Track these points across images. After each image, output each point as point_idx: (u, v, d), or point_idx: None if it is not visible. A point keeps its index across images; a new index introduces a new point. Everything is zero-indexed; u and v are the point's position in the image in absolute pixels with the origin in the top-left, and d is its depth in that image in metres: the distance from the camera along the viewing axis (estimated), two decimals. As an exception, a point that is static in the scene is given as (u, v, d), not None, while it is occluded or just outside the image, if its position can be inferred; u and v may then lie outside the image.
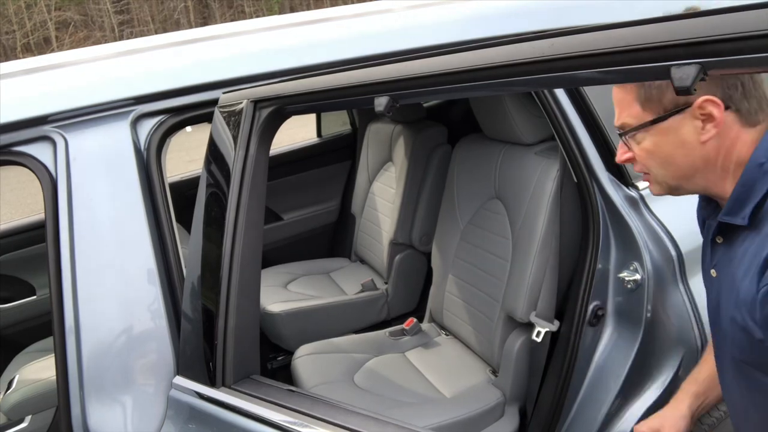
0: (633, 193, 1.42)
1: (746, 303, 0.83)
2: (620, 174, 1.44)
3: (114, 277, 1.07)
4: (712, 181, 0.89)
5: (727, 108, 0.84)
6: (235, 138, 1.08)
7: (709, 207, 0.98)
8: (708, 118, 0.84)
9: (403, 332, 2.01)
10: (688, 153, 0.87)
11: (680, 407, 1.13)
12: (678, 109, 0.86)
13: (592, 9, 1.54)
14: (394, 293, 2.35)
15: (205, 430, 1.05)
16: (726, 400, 1.03)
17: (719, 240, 0.93)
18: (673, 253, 1.36)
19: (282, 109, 1.05)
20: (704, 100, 0.83)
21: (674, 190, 0.94)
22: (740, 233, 0.87)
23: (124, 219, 1.10)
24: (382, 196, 2.55)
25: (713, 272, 0.96)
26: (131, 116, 1.15)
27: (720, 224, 0.91)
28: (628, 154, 0.95)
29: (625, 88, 0.91)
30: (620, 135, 0.95)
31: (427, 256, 2.30)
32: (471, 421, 1.56)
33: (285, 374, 2.02)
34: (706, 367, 1.14)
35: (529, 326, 1.59)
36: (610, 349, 1.48)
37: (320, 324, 2.19)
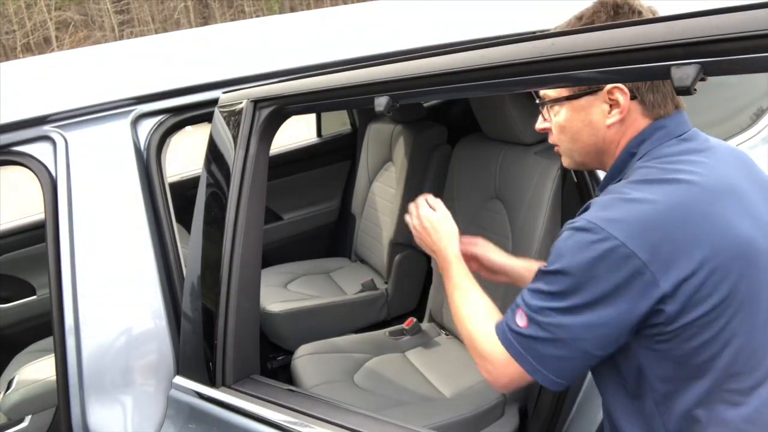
0: (633, 193, 1.42)
1: None
2: (620, 174, 1.43)
3: (114, 277, 1.07)
4: (606, 162, 0.97)
5: (633, 98, 0.89)
6: (235, 138, 1.08)
7: None
8: (614, 104, 0.90)
9: (403, 332, 2.01)
10: (593, 133, 0.94)
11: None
12: (590, 91, 0.91)
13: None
14: (394, 293, 2.35)
15: (205, 430, 1.05)
16: None
17: None
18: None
19: (282, 109, 1.06)
20: (613, 86, 0.88)
21: (581, 165, 1.02)
22: None
23: (124, 219, 1.10)
24: (382, 196, 2.55)
25: None
26: (131, 116, 1.15)
27: None
28: (546, 124, 1.02)
29: None
30: (539, 105, 1.01)
31: (427, 256, 2.29)
32: (471, 421, 1.56)
33: (285, 374, 2.02)
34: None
35: (529, 326, 1.59)
36: (610, 349, 1.48)
37: (320, 324, 2.18)
